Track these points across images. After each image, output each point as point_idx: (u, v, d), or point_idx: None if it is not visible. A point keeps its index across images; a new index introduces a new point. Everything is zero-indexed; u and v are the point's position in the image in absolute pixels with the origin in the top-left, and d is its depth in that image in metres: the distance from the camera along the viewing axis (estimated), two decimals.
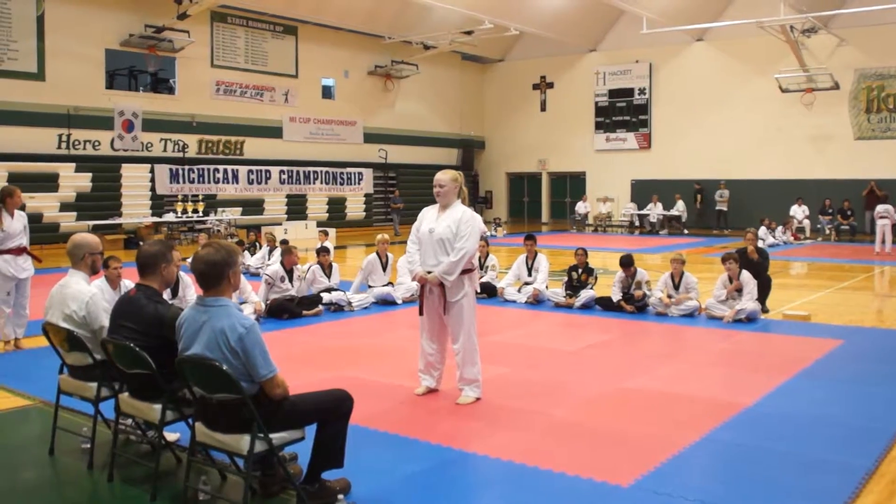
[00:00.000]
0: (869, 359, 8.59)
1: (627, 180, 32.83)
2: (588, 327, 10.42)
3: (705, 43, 31.40)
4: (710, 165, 30.75)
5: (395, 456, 5.39)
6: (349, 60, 30.97)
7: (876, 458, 5.34)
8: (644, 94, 32.93)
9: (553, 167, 35.58)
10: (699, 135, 31.29)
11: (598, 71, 33.92)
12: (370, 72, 31.78)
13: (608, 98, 33.73)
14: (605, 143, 33.87)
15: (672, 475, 5.03)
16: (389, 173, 32.68)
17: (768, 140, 29.75)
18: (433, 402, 6.77)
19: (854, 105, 28.57)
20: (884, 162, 27.65)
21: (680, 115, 31.86)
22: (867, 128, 28.43)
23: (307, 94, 29.47)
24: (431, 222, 6.84)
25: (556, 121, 35.03)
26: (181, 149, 25.36)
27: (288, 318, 10.80)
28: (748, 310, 10.58)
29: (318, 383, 5.45)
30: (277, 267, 11.41)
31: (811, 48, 27.75)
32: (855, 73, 28.35)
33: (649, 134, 32.88)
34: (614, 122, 33.66)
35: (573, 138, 34.52)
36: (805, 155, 29.22)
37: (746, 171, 30.05)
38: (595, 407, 6.68)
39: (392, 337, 9.95)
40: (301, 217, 28.24)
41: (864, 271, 17.41)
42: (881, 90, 28.14)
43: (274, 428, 4.24)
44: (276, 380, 4.22)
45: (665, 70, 32.45)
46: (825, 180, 28.42)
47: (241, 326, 4.15)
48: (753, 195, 29.57)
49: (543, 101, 35.77)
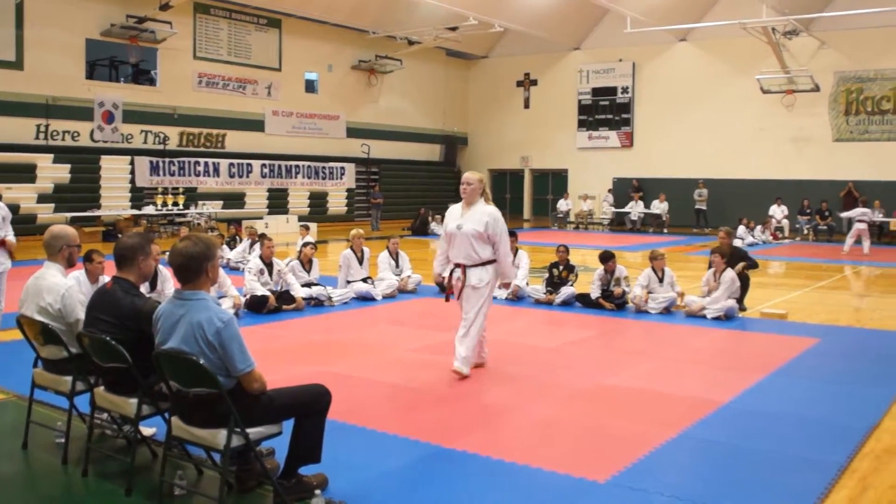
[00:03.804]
0: (844, 357, 8.68)
1: (609, 178, 32.92)
2: (568, 324, 10.45)
3: (688, 43, 31.51)
4: (691, 164, 30.87)
5: (373, 451, 5.39)
6: (333, 54, 30.87)
7: (848, 454, 5.41)
8: (627, 92, 33.02)
9: (535, 164, 35.61)
10: (681, 134, 31.42)
11: (582, 69, 33.97)
12: (354, 66, 31.69)
13: (591, 96, 33.79)
14: (588, 141, 33.95)
15: (648, 472, 5.05)
16: (372, 168, 32.60)
17: (749, 140, 29.91)
18: (412, 398, 6.77)
19: (833, 107, 28.77)
20: (861, 164, 27.87)
21: (662, 115, 31.98)
22: (846, 130, 28.64)
23: (290, 87, 29.36)
24: (457, 219, 7.47)
25: (539, 118, 35.06)
26: (162, 141, 25.18)
27: (267, 313, 10.76)
28: (726, 307, 10.64)
29: (296, 378, 5.43)
30: (257, 260, 11.37)
31: (792, 50, 27.94)
32: (835, 75, 28.55)
33: (631, 132, 32.97)
34: (597, 120, 33.73)
35: (556, 136, 34.58)
36: (785, 155, 29.41)
37: (727, 171, 30.19)
38: (573, 403, 6.70)
39: (372, 332, 9.94)
40: (282, 211, 28.12)
41: (841, 271, 17.56)
42: (860, 93, 28.35)
43: (251, 423, 4.22)
44: (253, 374, 4.20)
45: (648, 69, 32.55)
46: (804, 181, 28.62)
47: (219, 320, 4.13)
48: (733, 194, 29.71)
49: (527, 99, 35.79)
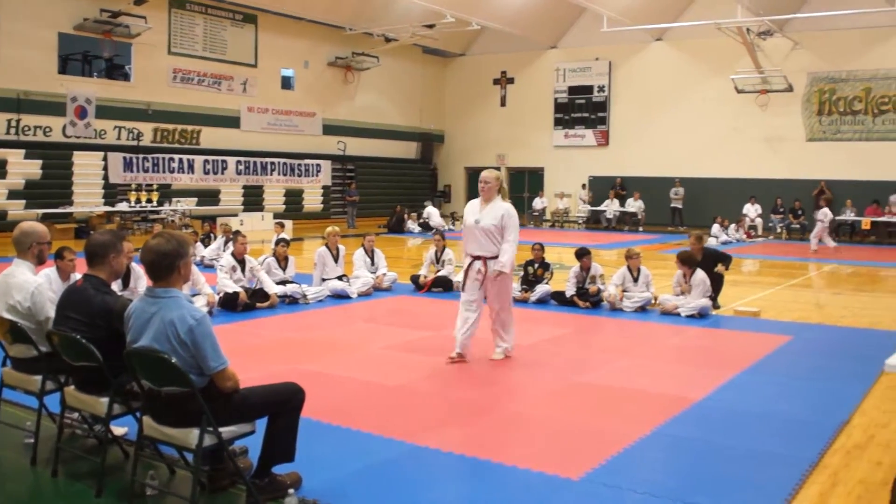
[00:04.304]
0: (816, 354, 8.76)
1: (585, 176, 33.02)
2: (543, 322, 10.46)
3: (664, 42, 31.66)
4: (666, 163, 31.03)
5: (347, 450, 5.37)
6: (309, 51, 30.75)
7: (819, 450, 5.46)
8: (603, 91, 33.13)
9: (512, 162, 35.64)
10: (656, 133, 31.57)
11: (558, 68, 34.05)
12: (330, 63, 31.58)
13: (567, 95, 33.88)
14: (564, 140, 34.03)
15: (622, 468, 5.08)
16: (348, 166, 32.51)
17: (723, 139, 30.10)
18: (387, 395, 6.76)
19: (806, 107, 29.02)
20: (834, 163, 28.12)
21: (638, 113, 32.10)
22: (818, 129, 28.90)
23: (266, 84, 29.21)
24: (476, 214, 7.97)
25: (515, 116, 35.11)
26: (136, 137, 24.97)
27: (241, 311, 10.70)
28: (700, 305, 10.71)
29: (270, 376, 5.40)
30: (229, 257, 11.31)
31: (766, 51, 28.16)
32: (808, 76, 28.79)
33: (607, 131, 33.09)
34: (573, 118, 33.82)
35: (532, 134, 34.64)
36: (759, 155, 29.62)
37: (702, 170, 30.38)
38: (548, 401, 6.72)
39: (347, 330, 9.91)
40: (257, 208, 27.99)
41: (813, 269, 17.72)
42: (832, 93, 28.61)
43: (224, 421, 4.19)
44: (226, 373, 4.17)
45: (624, 68, 32.67)
46: (777, 180, 28.87)
47: (192, 318, 4.09)
48: (708, 193, 29.91)
49: (503, 97, 35.83)
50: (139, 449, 4.50)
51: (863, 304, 12.64)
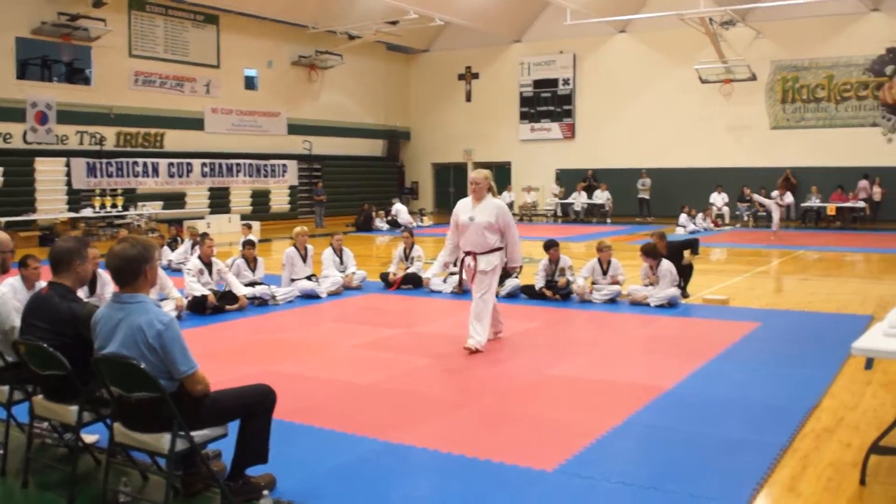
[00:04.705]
0: (784, 340, 8.87)
1: (552, 170, 33.15)
2: (513, 316, 10.47)
3: (627, 34, 31.84)
4: (633, 154, 31.22)
5: (321, 449, 5.38)
6: (272, 50, 30.59)
7: (790, 435, 5.54)
8: (568, 84, 33.27)
9: (479, 157, 35.67)
10: (622, 124, 31.75)
11: (523, 61, 34.14)
12: (294, 62, 31.43)
13: (533, 88, 33.99)
14: (530, 133, 34.15)
15: (594, 459, 5.13)
16: (314, 165, 32.39)
17: (689, 129, 30.33)
18: (359, 394, 6.76)
19: (770, 96, 29.35)
20: (798, 150, 28.49)
21: (603, 106, 32.27)
22: (782, 117, 29.24)
23: (229, 84, 29.02)
24: (469, 212, 8.38)
25: (481, 111, 35.16)
26: (98, 141, 24.70)
27: (210, 314, 10.65)
28: (669, 295, 10.80)
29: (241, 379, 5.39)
30: (196, 260, 11.25)
31: (729, 40, 28.41)
32: (771, 64, 29.11)
33: (573, 124, 33.24)
34: (539, 112, 33.94)
35: (498, 128, 34.72)
36: (724, 144, 29.91)
37: (668, 160, 30.60)
38: (520, 394, 6.76)
39: (317, 331, 9.90)
40: (224, 210, 27.81)
41: (780, 256, 17.94)
42: (795, 81, 28.95)
43: (195, 425, 4.18)
44: (196, 376, 4.16)
45: (588, 61, 32.82)
46: (743, 168, 29.13)
47: (159, 322, 4.07)
48: (675, 183, 30.11)
49: (469, 92, 35.86)
50: (111, 456, 4.47)
51: (829, 290, 12.81)
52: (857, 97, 28.06)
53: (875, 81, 27.75)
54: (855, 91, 28.05)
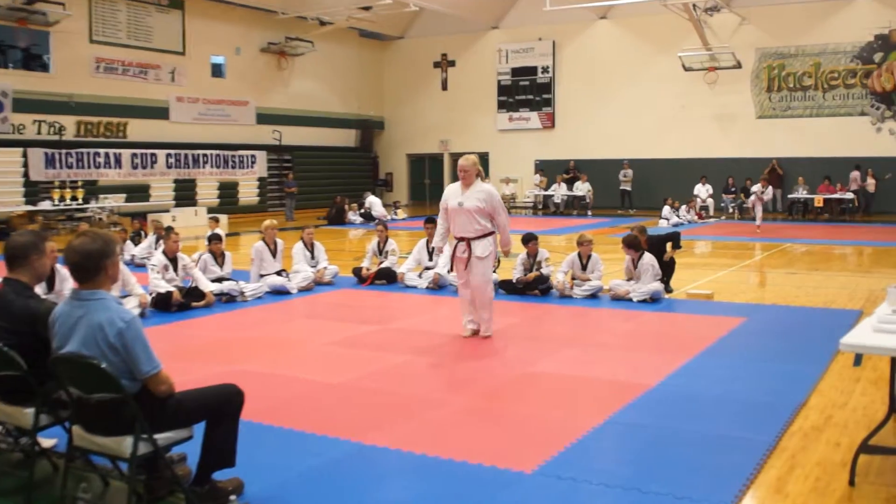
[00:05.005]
0: (770, 335, 8.94)
1: (531, 160, 33.20)
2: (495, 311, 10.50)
3: (609, 21, 31.91)
4: (614, 145, 31.32)
5: (291, 451, 5.35)
6: (240, 37, 30.39)
7: (777, 433, 5.57)
8: (547, 72, 33.31)
9: (455, 148, 35.64)
10: (603, 114, 31.84)
11: (501, 49, 34.15)
12: (263, 49, 31.26)
13: (511, 77, 34.01)
14: (508, 123, 34.18)
15: (576, 459, 5.13)
16: (284, 156, 32.25)
17: (672, 119, 30.46)
18: (331, 394, 6.74)
19: (756, 84, 29.53)
20: (785, 140, 28.69)
21: (583, 94, 32.35)
22: (768, 106, 29.43)
23: (195, 72, 28.80)
24: (458, 197, 8.63)
25: (457, 100, 35.14)
26: (58, 131, 24.45)
27: (176, 311, 10.58)
28: (651, 290, 10.83)
29: (208, 378, 5.35)
30: (160, 256, 11.17)
31: (713, 27, 28.50)
32: (756, 52, 29.27)
33: (553, 113, 33.30)
34: (517, 101, 33.97)
35: (475, 118, 34.72)
36: (708, 134, 30.06)
37: (651, 151, 30.73)
38: (499, 393, 6.76)
39: (288, 327, 9.85)
40: (190, 203, 27.63)
41: (766, 249, 18.05)
42: (782, 69, 29.14)
43: (159, 428, 4.15)
44: (160, 376, 4.12)
45: (568, 48, 32.88)
46: (728, 159, 29.31)
47: (121, 320, 4.03)
48: (658, 174, 30.28)
49: (444, 80, 35.83)
50: (69, 461, 4.42)
51: (817, 283, 12.91)
52: (845, 85, 28.27)
53: (863, 69, 27.95)
54: (843, 79, 28.27)
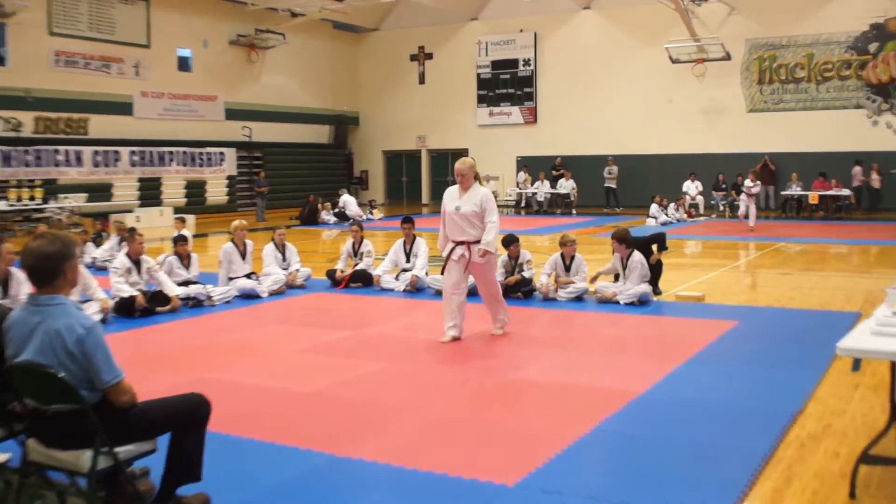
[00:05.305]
0: (764, 339, 8.96)
1: (513, 157, 33.22)
2: (471, 316, 10.39)
3: (592, 11, 32.03)
4: (599, 140, 31.40)
5: (260, 464, 5.30)
6: (208, 29, 30.29)
7: (772, 443, 5.54)
8: (529, 65, 33.37)
9: (433, 144, 35.72)
10: (587, 108, 31.93)
11: (480, 41, 34.19)
12: (232, 41, 31.18)
13: (491, 70, 34.07)
14: (489, 118, 34.23)
15: (561, 472, 5.11)
16: (255, 153, 32.18)
17: (659, 113, 30.60)
18: (303, 403, 6.69)
19: (746, 76, 29.69)
20: (777, 135, 28.82)
21: (567, 88, 32.43)
22: (759, 100, 29.60)
23: (161, 66, 28.66)
24: (455, 201, 8.91)
25: (435, 95, 35.16)
26: (15, 127, 24.26)
27: (140, 316, 10.50)
28: (639, 292, 10.84)
29: (173, 388, 5.30)
30: (123, 258, 11.08)
31: (701, 17, 28.67)
32: (746, 43, 29.43)
33: (535, 108, 33.38)
34: (498, 95, 34.04)
35: (454, 113, 34.74)
36: (697, 128, 30.20)
37: (637, 146, 30.83)
38: (479, 401, 6.74)
39: (258, 333, 9.80)
40: (155, 203, 27.50)
41: (759, 249, 18.13)
42: (773, 60, 29.30)
43: (120, 440, 4.11)
44: (121, 386, 4.08)
45: (551, 40, 32.95)
46: (718, 154, 29.43)
47: (80, 327, 3.99)
48: (644, 171, 30.38)
49: (422, 74, 35.84)
50: (24, 477, 4.36)
51: (812, 284, 12.96)
52: (840, 77, 28.42)
53: (858, 60, 28.09)
54: (837, 71, 28.43)
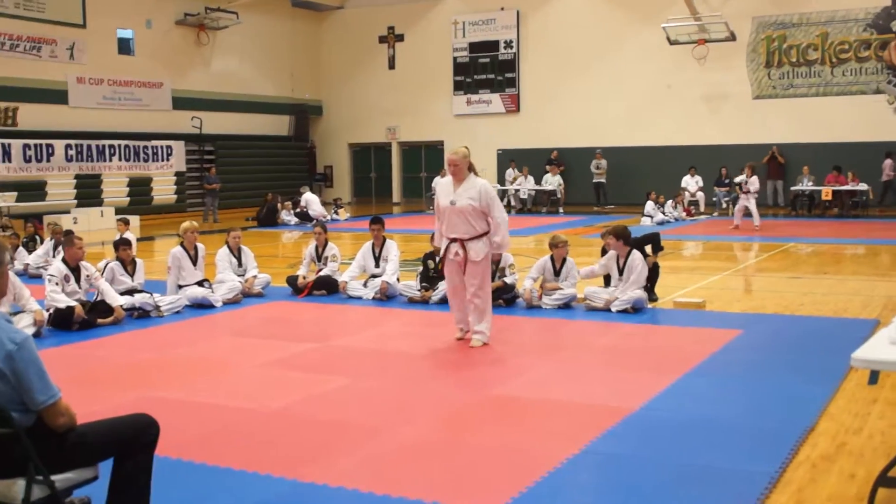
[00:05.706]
0: (770, 350, 9.00)
1: (493, 150, 33.25)
2: (448, 326, 10.44)
3: None
4: (589, 131, 31.48)
5: (214, 492, 5.31)
6: (152, 7, 30.23)
7: (780, 464, 5.56)
8: (511, 47, 33.44)
9: (405, 136, 35.74)
10: (576, 95, 31.99)
11: (456, 21, 34.24)
12: (179, 21, 31.13)
13: (468, 53, 34.13)
14: (466, 107, 34.29)
15: (548, 496, 5.14)
16: (206, 146, 32.13)
17: (655, 100, 30.66)
18: (262, 424, 6.69)
19: (753, 59, 29.77)
20: (787, 124, 28.82)
21: (553, 73, 32.49)
22: (767, 84, 29.69)
23: (99, 48, 28.58)
24: (450, 195, 9.07)
25: (407, 81, 35.16)
26: None
27: (78, 329, 10.47)
28: (633, 298, 10.87)
29: (117, 408, 5.30)
30: (60, 264, 11.05)
31: None
32: (753, 21, 29.51)
33: (517, 95, 33.44)
34: (476, 81, 34.10)
35: (428, 101, 34.77)
36: (698, 117, 30.28)
37: (631, 137, 30.91)
38: (458, 420, 6.76)
39: (211, 346, 9.80)
40: (95, 203, 27.44)
41: (766, 250, 18.23)
42: (783, 41, 29.34)
43: (57, 467, 4.09)
44: (58, 406, 4.07)
45: (535, 19, 33.02)
46: (721, 146, 29.49)
47: (10, 342, 3.98)
48: (639, 165, 30.46)
49: (392, 57, 35.84)
50: None
51: (825, 289, 13.04)
52: (857, 59, 28.43)
53: (878, 40, 28.02)
54: (854, 52, 28.46)
